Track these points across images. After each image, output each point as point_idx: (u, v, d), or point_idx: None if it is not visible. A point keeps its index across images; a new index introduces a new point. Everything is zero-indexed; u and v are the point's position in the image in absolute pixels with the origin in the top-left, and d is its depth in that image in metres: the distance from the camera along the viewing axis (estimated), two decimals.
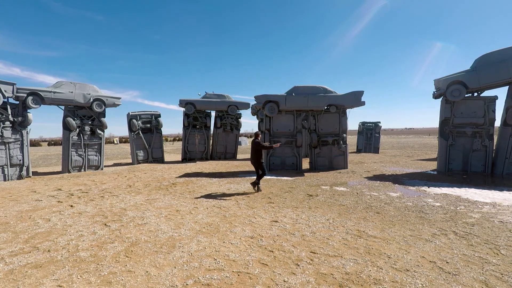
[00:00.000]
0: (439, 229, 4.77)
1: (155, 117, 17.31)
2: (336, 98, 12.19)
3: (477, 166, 10.76)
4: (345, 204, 6.53)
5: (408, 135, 70.70)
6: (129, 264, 3.66)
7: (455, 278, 3.19)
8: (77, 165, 13.30)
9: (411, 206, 6.26)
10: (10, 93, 10.92)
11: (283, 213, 5.84)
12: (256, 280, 3.21)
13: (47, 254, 3.99)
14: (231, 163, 16.51)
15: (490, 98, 10.62)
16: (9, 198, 7.65)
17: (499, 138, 10.58)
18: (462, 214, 5.62)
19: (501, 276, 3.22)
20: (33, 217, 5.78)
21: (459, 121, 10.87)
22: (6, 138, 10.85)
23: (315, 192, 7.88)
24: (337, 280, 3.18)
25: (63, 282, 3.23)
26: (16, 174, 11.25)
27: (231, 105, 18.32)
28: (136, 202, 6.97)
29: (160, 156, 17.55)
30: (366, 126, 24.11)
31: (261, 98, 12.26)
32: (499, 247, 4.00)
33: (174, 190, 8.44)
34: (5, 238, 4.65)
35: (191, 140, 18.48)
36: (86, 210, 6.28)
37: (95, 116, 13.78)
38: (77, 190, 8.70)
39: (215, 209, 6.22)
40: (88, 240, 4.50)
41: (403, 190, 7.91)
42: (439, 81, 11.11)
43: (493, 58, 10.12)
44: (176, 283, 3.17)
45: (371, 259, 3.68)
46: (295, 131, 12.57)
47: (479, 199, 6.79)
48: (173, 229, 4.94)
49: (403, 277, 3.21)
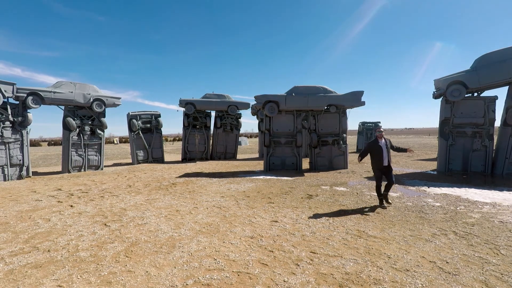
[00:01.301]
0: (439, 229, 4.77)
1: (155, 117, 17.32)
2: (336, 98, 12.19)
3: (477, 166, 10.75)
4: (345, 204, 6.53)
5: (408, 135, 70.70)
6: (129, 264, 3.66)
7: (455, 278, 3.19)
8: (77, 165, 13.31)
9: (411, 206, 6.26)
10: (10, 93, 10.92)
11: (283, 213, 5.83)
12: (256, 280, 3.21)
13: (47, 254, 3.99)
14: (231, 163, 16.51)
15: (490, 98, 10.61)
16: (9, 198, 7.65)
17: (499, 138, 10.58)
18: (462, 214, 5.62)
19: (501, 276, 3.22)
20: (33, 217, 5.78)
21: (459, 121, 10.87)
22: (6, 138, 10.85)
23: (315, 192, 7.88)
24: (337, 280, 3.18)
25: (63, 282, 3.23)
26: (16, 174, 11.25)
27: (231, 105, 18.33)
28: (136, 202, 6.97)
29: (160, 156, 17.55)
30: (366, 126, 24.13)
31: (261, 98, 12.26)
32: (499, 247, 4.00)
33: (174, 190, 8.43)
34: (5, 238, 4.65)
35: (191, 140, 18.48)
36: (86, 210, 6.28)
37: (95, 116, 13.78)
38: (77, 190, 8.70)
39: (215, 209, 6.22)
40: (88, 240, 4.50)
41: (403, 190, 7.91)
42: (439, 81, 11.11)
43: (493, 58, 10.12)
44: (176, 283, 3.17)
45: (371, 259, 3.68)
46: (295, 131, 12.56)
47: (479, 199, 6.78)
48: (173, 229, 4.94)
49: (403, 277, 3.21)
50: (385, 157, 6.16)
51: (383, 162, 6.17)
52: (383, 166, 6.19)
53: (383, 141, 6.22)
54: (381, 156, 6.15)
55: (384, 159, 6.16)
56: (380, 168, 6.23)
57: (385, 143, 6.20)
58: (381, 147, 6.17)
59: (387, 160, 6.18)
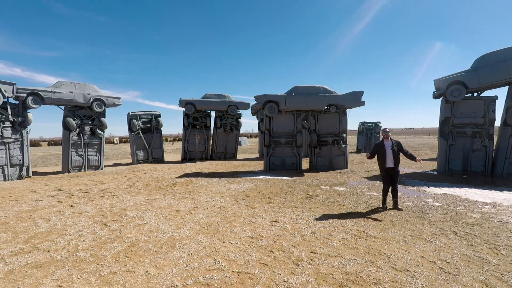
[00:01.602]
0: (439, 229, 4.77)
1: (155, 117, 17.32)
2: (336, 98, 12.19)
3: (477, 166, 10.76)
4: (345, 204, 6.53)
5: (408, 135, 70.69)
6: (129, 264, 3.66)
7: (455, 278, 3.19)
8: (77, 165, 13.31)
9: (411, 206, 6.26)
10: (10, 93, 10.93)
11: (283, 213, 5.83)
12: (256, 280, 3.21)
13: (47, 254, 3.99)
14: (231, 163, 16.51)
15: (490, 98, 10.62)
16: (9, 198, 7.65)
17: (499, 138, 10.58)
18: (462, 214, 5.62)
19: (501, 276, 3.22)
20: (33, 217, 5.78)
21: (459, 121, 10.87)
22: (6, 138, 10.85)
23: (315, 192, 7.88)
24: (337, 280, 3.18)
25: (63, 282, 3.23)
26: (16, 174, 11.25)
27: (231, 105, 18.33)
28: (136, 202, 6.97)
29: (160, 156, 17.55)
30: (366, 126, 24.12)
31: (261, 98, 12.26)
32: (499, 247, 4.00)
33: (174, 190, 8.43)
34: (5, 238, 4.65)
35: (191, 140, 18.49)
36: (86, 210, 6.28)
37: (95, 116, 13.78)
38: (77, 190, 8.70)
39: (215, 209, 6.22)
40: (88, 240, 4.50)
41: (403, 190, 7.90)
42: (439, 81, 11.11)
43: (493, 58, 10.13)
44: (176, 283, 3.17)
45: (371, 259, 3.68)
46: (295, 131, 12.57)
47: (479, 199, 6.79)
48: (173, 229, 4.94)
49: (403, 277, 3.21)
50: (389, 158, 6.05)
51: (386, 163, 6.10)
52: (386, 167, 6.11)
53: (389, 142, 6.12)
54: (384, 157, 6.07)
55: (387, 160, 6.07)
56: (384, 169, 6.16)
57: (391, 144, 6.08)
58: (384, 148, 6.10)
59: (391, 162, 6.06)
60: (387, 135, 6.19)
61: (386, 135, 6.18)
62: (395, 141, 6.15)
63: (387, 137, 6.17)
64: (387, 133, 6.19)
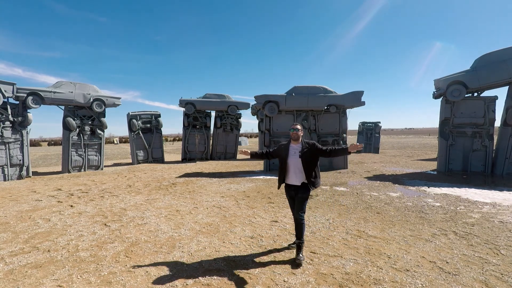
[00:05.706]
0: (439, 229, 4.77)
1: (155, 117, 17.31)
2: (336, 98, 12.19)
3: (477, 166, 10.76)
4: (345, 204, 6.53)
5: (408, 135, 70.70)
6: (129, 264, 3.66)
7: (455, 278, 3.19)
8: (77, 165, 13.30)
9: (411, 206, 6.26)
10: (10, 93, 10.92)
11: (283, 213, 5.83)
12: (256, 280, 3.21)
13: (47, 254, 3.99)
14: (231, 163, 16.50)
15: (490, 98, 10.62)
16: (9, 198, 7.65)
17: (499, 138, 10.59)
18: (462, 214, 5.62)
19: (501, 276, 3.22)
20: (33, 217, 5.78)
21: (459, 121, 10.88)
22: (6, 138, 10.85)
23: (315, 192, 7.87)
24: (337, 280, 3.18)
25: (63, 282, 3.23)
26: (16, 174, 11.25)
27: (231, 105, 18.33)
28: (136, 202, 6.97)
29: (160, 156, 17.55)
30: (366, 126, 24.14)
31: (261, 98, 12.26)
32: (499, 247, 4.00)
33: (174, 190, 8.43)
34: (5, 238, 4.65)
35: (191, 140, 18.48)
36: (86, 210, 6.28)
37: (95, 116, 13.78)
38: (77, 190, 8.70)
39: (215, 209, 6.22)
40: (88, 240, 4.50)
41: (403, 190, 7.90)
42: (439, 81, 11.11)
43: (493, 58, 10.13)
44: (176, 283, 3.17)
45: (371, 259, 3.68)
46: None
47: (479, 199, 6.79)
48: (173, 229, 4.94)
49: (403, 277, 3.21)
50: (292, 170, 3.69)
51: (287, 177, 3.75)
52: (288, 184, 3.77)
53: (299, 144, 3.73)
54: (285, 167, 3.72)
55: (289, 173, 3.72)
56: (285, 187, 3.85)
57: (301, 149, 3.67)
58: (287, 153, 3.71)
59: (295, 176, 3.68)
60: (297, 135, 3.74)
61: (295, 134, 3.74)
62: (310, 142, 3.73)
63: (296, 138, 3.75)
64: (296, 132, 3.73)
